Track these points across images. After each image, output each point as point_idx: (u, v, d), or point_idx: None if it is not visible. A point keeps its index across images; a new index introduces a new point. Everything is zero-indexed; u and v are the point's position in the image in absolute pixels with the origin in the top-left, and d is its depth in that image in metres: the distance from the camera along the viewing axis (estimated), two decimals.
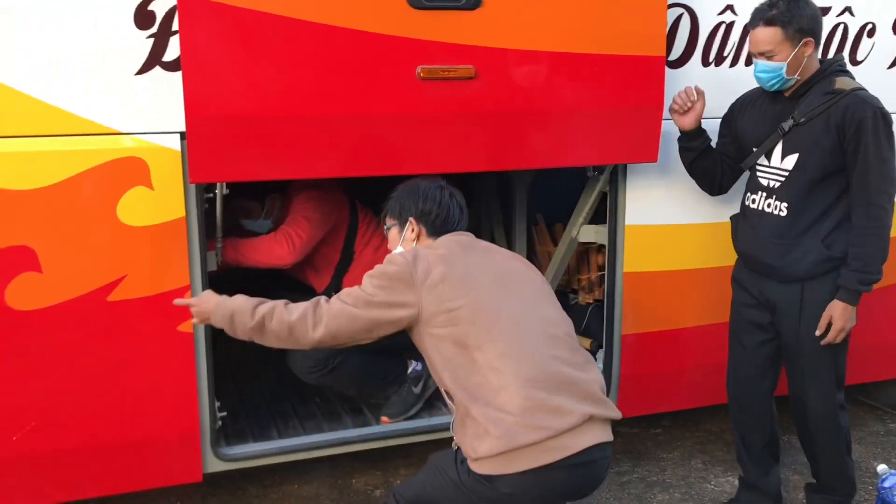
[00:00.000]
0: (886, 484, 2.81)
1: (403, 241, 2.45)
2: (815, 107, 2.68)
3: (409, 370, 3.24)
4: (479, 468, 2.12)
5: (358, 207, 3.43)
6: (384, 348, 2.55)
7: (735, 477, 3.40)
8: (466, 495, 2.17)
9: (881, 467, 2.91)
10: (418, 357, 2.87)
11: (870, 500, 3.22)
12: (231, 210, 3.17)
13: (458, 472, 2.19)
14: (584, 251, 3.74)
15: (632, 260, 3.15)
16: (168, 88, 2.51)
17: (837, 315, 2.69)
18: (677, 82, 2.99)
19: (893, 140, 2.66)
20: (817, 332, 2.74)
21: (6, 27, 2.35)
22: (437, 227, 2.42)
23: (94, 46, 2.43)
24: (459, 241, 2.37)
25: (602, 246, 3.34)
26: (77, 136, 2.47)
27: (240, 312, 2.23)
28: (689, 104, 2.87)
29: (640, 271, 3.17)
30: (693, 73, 3.07)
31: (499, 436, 2.06)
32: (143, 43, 2.48)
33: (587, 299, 3.77)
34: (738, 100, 2.96)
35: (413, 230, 2.43)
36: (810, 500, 3.09)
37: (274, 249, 3.13)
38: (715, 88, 2.96)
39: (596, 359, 3.35)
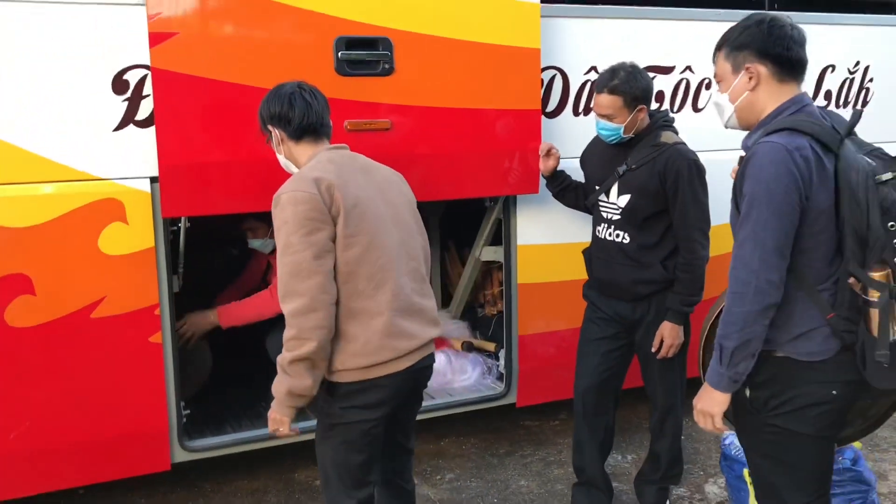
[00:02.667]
0: (727, 441, 3.52)
1: (276, 149, 2.60)
2: (643, 156, 3.15)
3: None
4: (341, 378, 2.44)
5: None
6: None
7: (619, 453, 4.10)
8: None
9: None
10: None
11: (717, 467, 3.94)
12: (239, 228, 3.79)
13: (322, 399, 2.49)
14: (488, 271, 4.41)
15: (523, 273, 3.83)
16: (140, 142, 3.08)
17: (667, 333, 3.18)
18: (554, 129, 3.71)
19: (706, 187, 3.15)
20: (652, 349, 3.21)
21: (10, 95, 2.89)
22: (294, 131, 2.53)
23: (80, 108, 2.99)
24: (336, 160, 2.49)
25: (500, 265, 4.01)
26: (65, 182, 3.00)
27: (293, 386, 2.36)
28: (545, 152, 3.49)
29: (531, 282, 3.85)
30: (566, 122, 3.79)
31: (364, 353, 2.42)
32: (119, 105, 3.05)
33: (492, 311, 4.43)
34: (587, 146, 3.46)
35: (276, 135, 2.56)
36: (641, 490, 3.51)
37: (276, 304, 3.59)
38: (583, 135, 3.58)
39: (499, 358, 4.01)
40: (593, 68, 3.84)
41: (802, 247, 2.13)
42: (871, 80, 4.52)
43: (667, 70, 4.01)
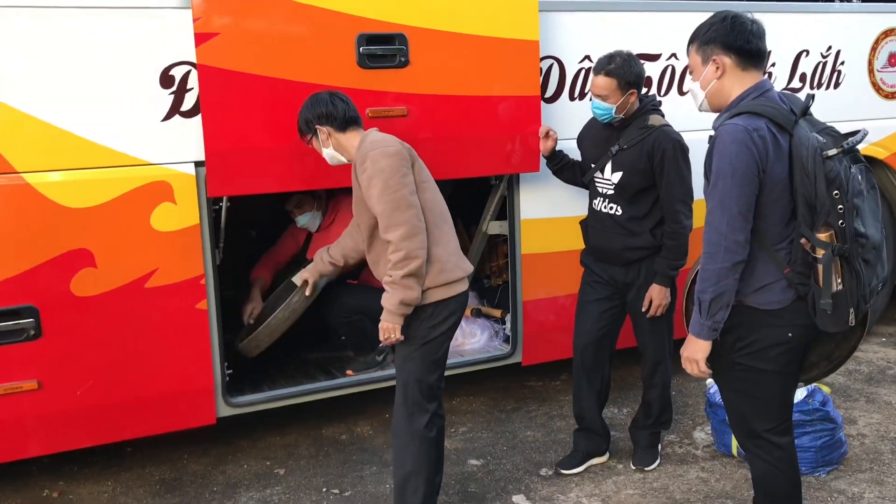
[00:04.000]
0: (712, 390, 3.93)
1: (323, 144, 3.16)
2: (633, 137, 3.52)
3: (381, 343, 4.04)
4: (428, 297, 3.01)
5: None
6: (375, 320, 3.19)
7: (615, 407, 4.52)
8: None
9: (709, 381, 4.02)
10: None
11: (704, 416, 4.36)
12: (287, 203, 4.31)
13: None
14: (493, 244, 4.80)
15: (527, 244, 4.23)
16: (185, 130, 3.45)
17: (655, 294, 3.55)
18: (552, 113, 4.10)
19: (689, 164, 3.50)
20: (642, 309, 3.59)
21: (75, 93, 3.27)
22: (341, 125, 3.11)
23: (133, 101, 3.36)
24: (393, 137, 3.09)
25: (505, 239, 4.40)
26: (121, 167, 3.37)
27: (404, 297, 2.93)
28: (543, 134, 3.88)
29: (533, 253, 4.25)
30: (563, 107, 4.17)
31: (447, 270, 3.03)
32: (166, 98, 3.43)
33: (497, 282, 4.83)
34: (583, 127, 3.86)
35: (324, 133, 3.12)
36: (635, 436, 3.90)
37: None
38: (578, 117, 3.98)
39: (505, 322, 4.42)
40: (587, 57, 4.21)
41: (762, 213, 2.51)
42: (842, 63, 4.91)
43: (654, 57, 4.38)
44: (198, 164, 3.49)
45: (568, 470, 3.81)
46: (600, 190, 3.71)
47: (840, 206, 2.41)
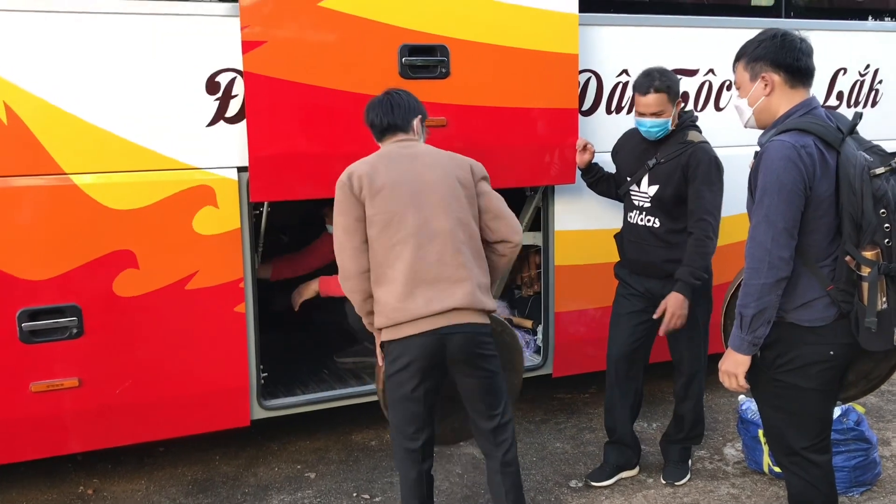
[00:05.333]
0: (744, 406, 3.93)
1: None
2: (672, 151, 3.56)
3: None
4: (380, 337, 2.99)
5: None
6: None
7: (645, 422, 4.51)
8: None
9: (741, 397, 4.02)
10: None
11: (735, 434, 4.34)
12: (320, 215, 4.34)
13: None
14: (525, 255, 4.81)
15: (560, 256, 4.25)
16: (229, 136, 3.51)
17: (672, 303, 3.49)
18: (588, 126, 4.12)
19: (722, 181, 3.54)
20: (655, 316, 3.54)
21: (123, 97, 3.34)
22: (378, 135, 3.07)
23: (179, 106, 3.43)
24: (389, 153, 2.97)
25: (538, 249, 4.42)
26: (165, 171, 3.43)
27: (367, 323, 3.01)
28: (581, 147, 3.91)
29: (567, 265, 4.27)
30: (600, 119, 4.20)
31: (384, 314, 2.92)
32: (211, 104, 3.49)
33: (528, 292, 4.84)
34: (618, 140, 3.88)
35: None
36: (666, 450, 3.89)
37: None
38: (614, 131, 4.00)
39: (536, 333, 4.43)
40: (625, 71, 4.24)
41: (807, 229, 2.51)
42: (880, 81, 4.90)
43: (691, 73, 4.40)
44: (240, 169, 3.54)
45: (598, 482, 3.81)
46: (636, 203, 3.73)
47: (887, 225, 2.41)
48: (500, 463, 3.10)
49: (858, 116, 2.57)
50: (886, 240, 2.42)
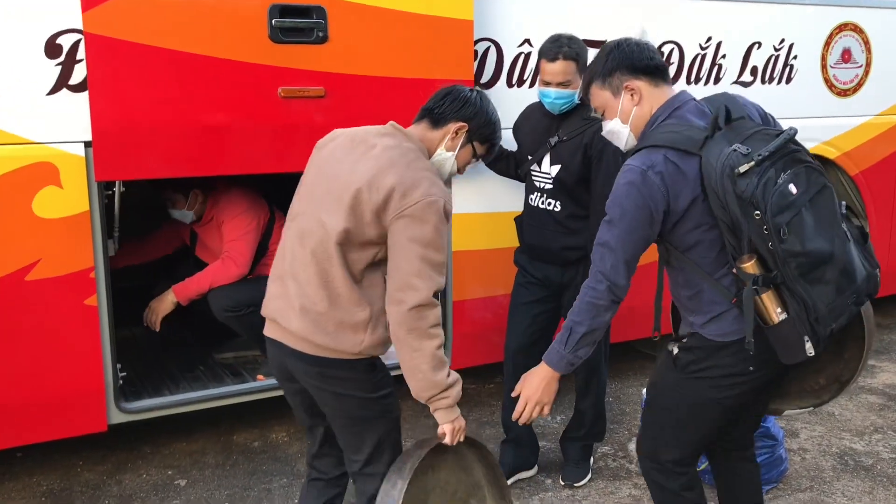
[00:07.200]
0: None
1: None
2: (574, 128, 3.28)
3: None
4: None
5: (274, 207, 4.07)
6: None
7: (557, 413, 4.26)
8: None
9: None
10: None
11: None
12: (159, 199, 3.90)
13: None
14: None
15: (458, 241, 3.91)
16: (74, 106, 3.09)
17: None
18: None
19: None
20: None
21: None
22: None
23: (13, 71, 3.00)
24: (338, 142, 2.54)
25: None
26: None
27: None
28: None
29: (465, 250, 3.95)
30: (500, 93, 3.87)
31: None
32: (52, 69, 3.06)
33: None
34: (519, 116, 3.58)
35: None
36: (566, 448, 3.66)
37: (229, 271, 3.84)
38: (517, 106, 3.68)
39: None
40: (527, 41, 3.93)
41: (689, 243, 2.29)
42: (794, 57, 4.70)
43: (599, 43, 4.09)
44: (88, 144, 3.13)
45: None
46: (537, 184, 3.44)
47: (765, 228, 2.11)
48: None
49: (726, 110, 2.25)
50: (769, 243, 2.12)
